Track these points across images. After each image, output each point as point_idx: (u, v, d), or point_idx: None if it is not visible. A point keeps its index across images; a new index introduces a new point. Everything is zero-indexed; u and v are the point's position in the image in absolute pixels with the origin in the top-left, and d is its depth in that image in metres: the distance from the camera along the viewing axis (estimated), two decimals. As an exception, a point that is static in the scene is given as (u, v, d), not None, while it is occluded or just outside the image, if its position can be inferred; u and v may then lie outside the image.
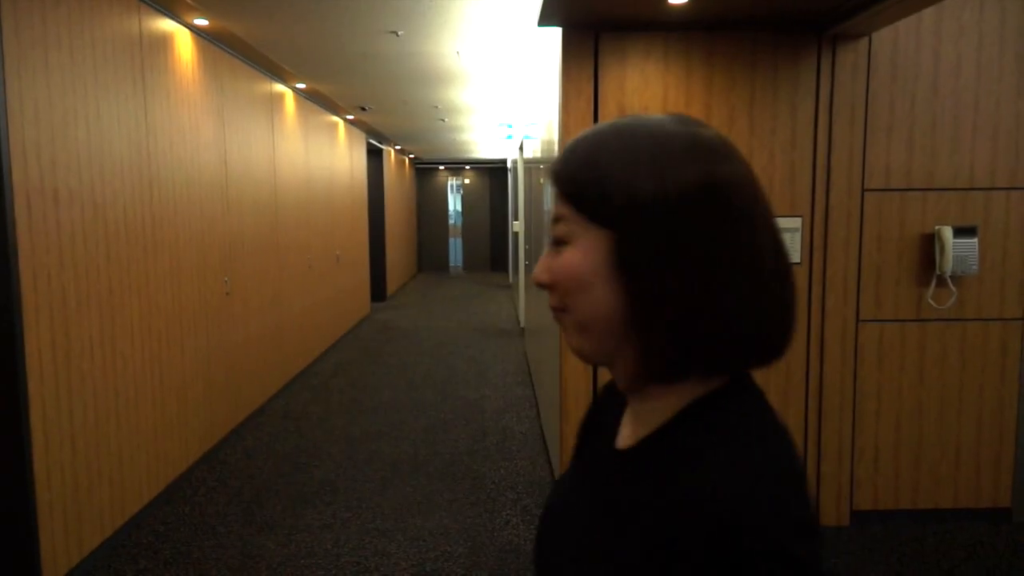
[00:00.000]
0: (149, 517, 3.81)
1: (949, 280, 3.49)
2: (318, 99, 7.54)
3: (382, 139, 11.52)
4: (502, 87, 6.92)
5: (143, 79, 3.80)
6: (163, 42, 4.07)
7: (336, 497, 4.08)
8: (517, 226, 9.69)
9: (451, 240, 17.90)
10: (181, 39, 4.30)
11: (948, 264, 3.42)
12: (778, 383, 3.53)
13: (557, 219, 0.75)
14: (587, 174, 0.72)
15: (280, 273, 6.28)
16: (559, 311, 0.75)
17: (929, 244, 3.50)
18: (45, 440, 2.96)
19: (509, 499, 4.03)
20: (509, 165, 13.16)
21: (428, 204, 17.71)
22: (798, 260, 3.50)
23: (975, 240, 3.44)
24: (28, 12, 2.88)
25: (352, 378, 6.92)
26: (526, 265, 8.14)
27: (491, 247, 17.90)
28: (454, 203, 17.97)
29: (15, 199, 2.78)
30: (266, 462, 4.66)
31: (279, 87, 6.36)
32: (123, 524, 3.57)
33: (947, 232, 3.42)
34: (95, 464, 3.34)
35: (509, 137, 10.36)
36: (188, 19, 4.33)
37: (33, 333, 2.88)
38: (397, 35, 4.87)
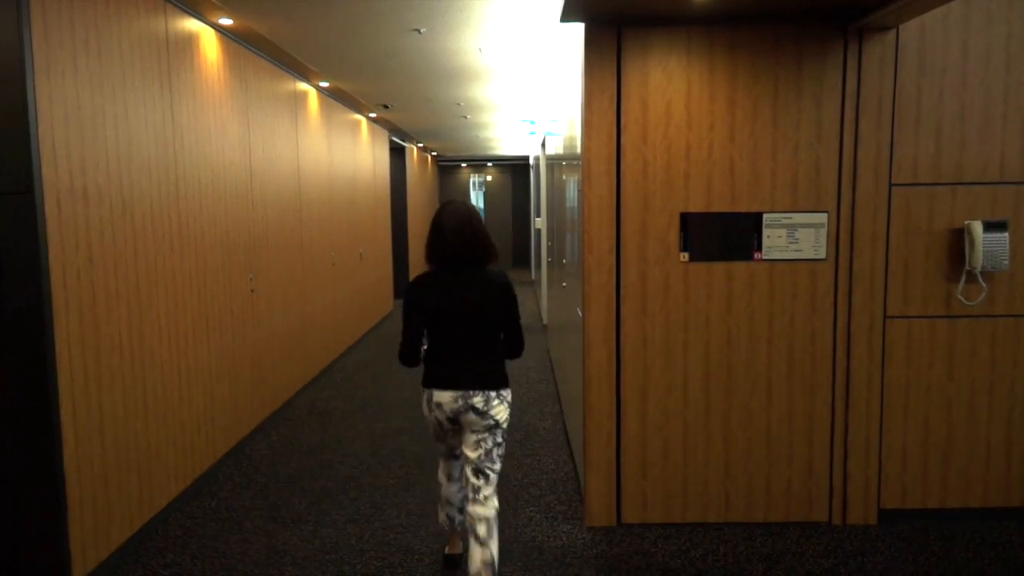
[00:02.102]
0: (176, 512, 3.86)
1: (979, 276, 3.43)
2: (341, 97, 7.59)
3: (404, 137, 11.56)
4: (524, 84, 6.91)
5: (169, 79, 3.85)
6: (189, 42, 4.12)
7: (360, 493, 4.11)
8: (539, 223, 9.67)
9: (473, 237, 17.89)
10: (206, 39, 4.35)
11: (978, 259, 3.36)
12: (804, 378, 3.49)
13: None
14: None
15: (304, 270, 6.34)
16: None
17: (958, 239, 3.45)
18: (75, 435, 3.01)
19: (532, 496, 4.03)
20: (531, 162, 13.15)
21: (450, 201, 17.72)
22: (823, 256, 3.46)
23: (1006, 235, 3.37)
24: (57, 15, 2.93)
25: (376, 374, 6.96)
26: (548, 262, 8.13)
27: (513, 244, 17.90)
28: (476, 200, 17.99)
29: (45, 197, 2.83)
30: (291, 458, 4.70)
31: (303, 86, 6.42)
32: (151, 518, 3.63)
33: (977, 227, 3.36)
34: (124, 459, 3.39)
35: (532, 134, 10.34)
36: (213, 19, 4.38)
37: (63, 329, 2.94)
38: (419, 32, 4.89)
